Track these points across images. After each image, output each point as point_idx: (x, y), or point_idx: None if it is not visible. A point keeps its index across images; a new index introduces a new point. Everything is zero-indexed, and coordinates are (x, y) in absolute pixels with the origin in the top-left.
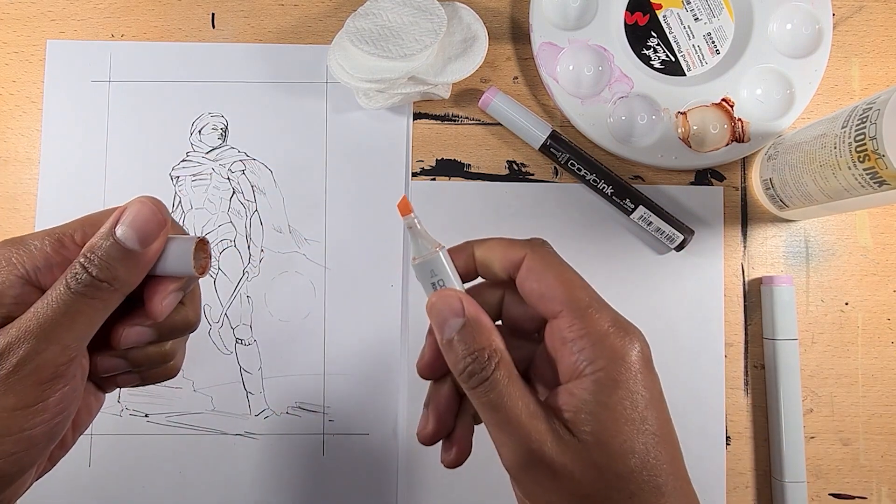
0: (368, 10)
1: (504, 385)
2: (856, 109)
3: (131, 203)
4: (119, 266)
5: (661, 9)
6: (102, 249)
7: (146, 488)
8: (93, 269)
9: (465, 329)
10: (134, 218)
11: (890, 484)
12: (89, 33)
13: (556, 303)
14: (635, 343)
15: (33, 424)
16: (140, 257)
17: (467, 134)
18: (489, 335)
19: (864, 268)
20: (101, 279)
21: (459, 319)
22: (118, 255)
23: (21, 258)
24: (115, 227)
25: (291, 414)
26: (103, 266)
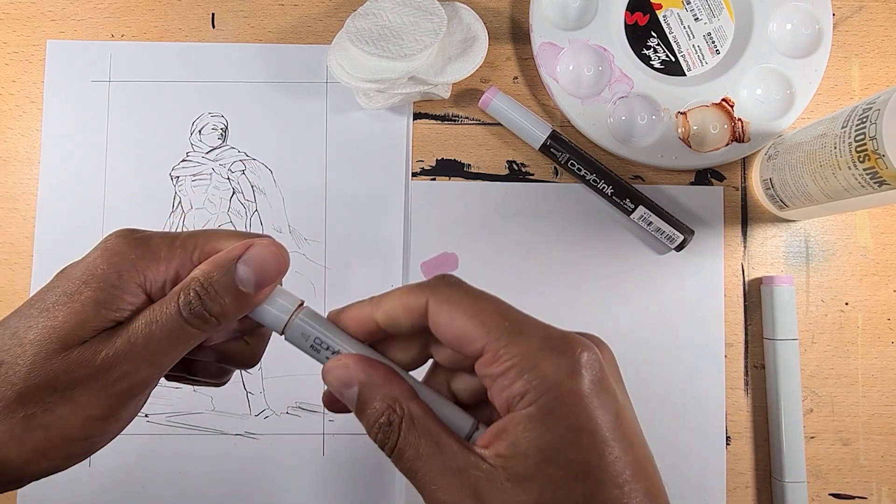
0: (368, 10)
1: (413, 446)
2: (856, 109)
3: (257, 243)
4: (230, 304)
5: (661, 9)
6: (220, 284)
7: (146, 488)
8: (208, 303)
9: (360, 399)
10: (258, 260)
11: (890, 484)
12: (89, 33)
13: (475, 341)
14: (576, 361)
15: (106, 432)
16: (249, 299)
17: (467, 134)
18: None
19: (864, 268)
20: (211, 314)
21: (353, 388)
22: (232, 293)
23: (144, 265)
24: (238, 263)
25: (291, 414)
26: (217, 301)
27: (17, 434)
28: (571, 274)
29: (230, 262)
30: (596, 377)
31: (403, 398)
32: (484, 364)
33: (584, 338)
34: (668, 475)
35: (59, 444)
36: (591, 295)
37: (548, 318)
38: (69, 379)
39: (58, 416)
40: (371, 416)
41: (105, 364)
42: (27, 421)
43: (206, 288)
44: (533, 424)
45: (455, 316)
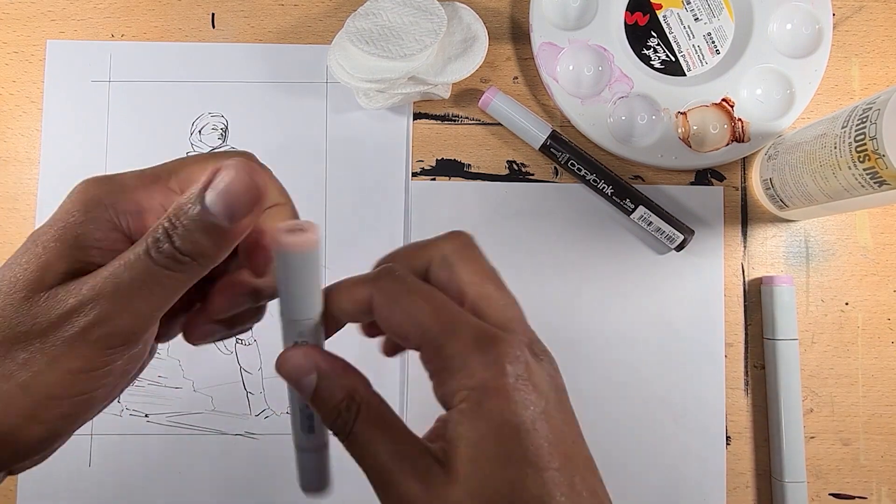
0: (368, 10)
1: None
2: (856, 109)
3: (225, 165)
4: (204, 240)
5: (661, 9)
6: (188, 217)
7: (146, 488)
8: (176, 240)
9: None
10: (226, 187)
11: (890, 484)
12: (89, 33)
13: (411, 339)
14: (505, 359)
15: (95, 387)
16: (227, 233)
17: (467, 134)
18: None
19: (864, 268)
20: (183, 252)
21: (311, 377)
22: (204, 228)
23: (112, 199)
24: (205, 191)
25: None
26: (187, 238)
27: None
28: (571, 274)
29: (199, 194)
30: (521, 374)
31: (360, 387)
32: (422, 361)
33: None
34: (668, 475)
35: (45, 404)
36: (591, 295)
37: (548, 318)
38: (38, 329)
39: (35, 372)
40: (328, 401)
41: (73, 310)
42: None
43: (174, 223)
44: (463, 420)
45: (393, 313)
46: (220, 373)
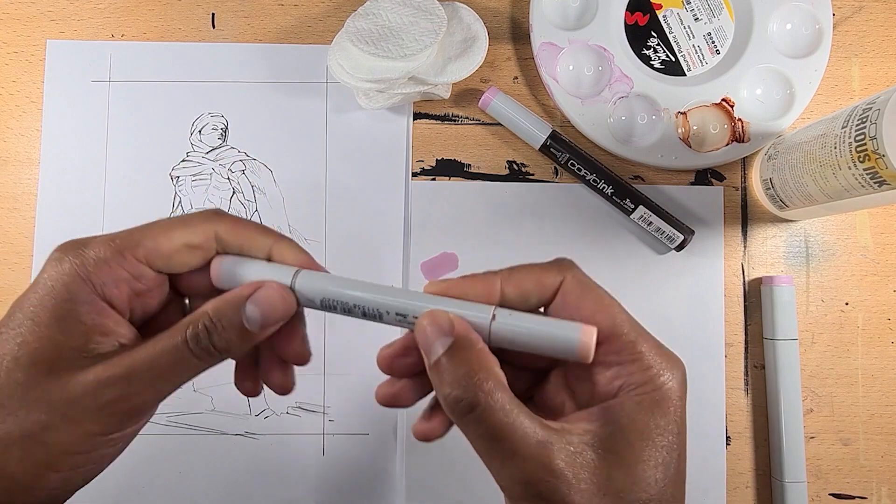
0: (368, 10)
1: (502, 411)
2: (856, 109)
3: (267, 285)
4: (236, 341)
5: (661, 9)
6: (228, 321)
7: (146, 488)
8: (215, 338)
9: (452, 350)
10: (266, 302)
11: (890, 484)
12: (89, 33)
13: (603, 328)
14: (679, 375)
15: (109, 447)
16: (254, 337)
17: (467, 134)
18: (480, 356)
19: (864, 268)
20: (216, 348)
21: (448, 338)
22: (238, 331)
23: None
24: (247, 303)
25: (291, 414)
26: (223, 337)
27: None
28: None
29: (239, 302)
30: (684, 395)
31: (494, 366)
32: (602, 351)
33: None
34: None
35: (60, 458)
36: None
37: None
38: (65, 399)
39: (57, 432)
40: (457, 372)
41: (102, 385)
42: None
43: (215, 324)
44: (641, 410)
45: (585, 302)
46: (220, 373)
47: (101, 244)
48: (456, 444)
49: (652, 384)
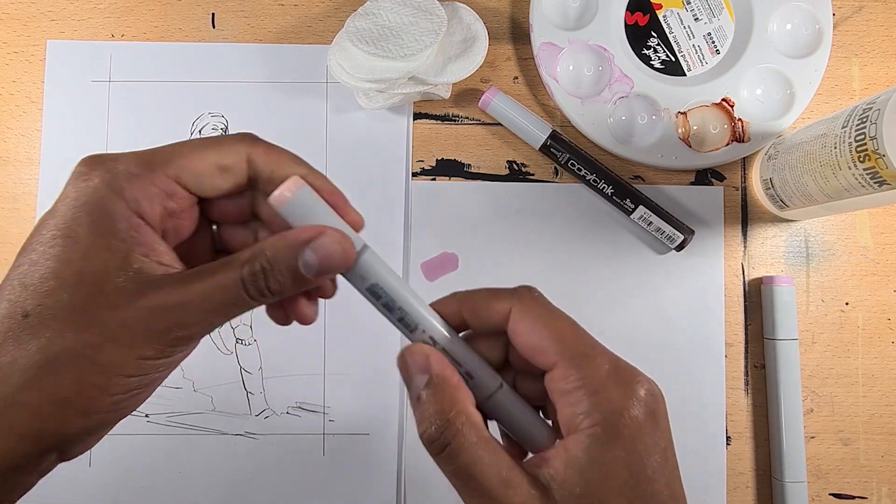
0: (368, 10)
1: (471, 451)
2: (856, 109)
3: (329, 233)
4: (290, 284)
5: (661, 9)
6: (285, 264)
7: (146, 488)
8: (271, 280)
9: (428, 386)
10: (326, 251)
11: (890, 484)
12: (89, 33)
13: (548, 355)
14: (639, 392)
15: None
16: (308, 283)
17: (467, 134)
18: (454, 394)
19: (864, 268)
20: (270, 290)
21: (424, 375)
22: (293, 275)
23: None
24: (306, 248)
25: (291, 414)
26: (278, 280)
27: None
28: (571, 274)
29: (299, 245)
30: (653, 411)
31: (468, 403)
32: (554, 379)
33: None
34: None
35: (114, 380)
36: (591, 295)
37: None
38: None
39: (110, 354)
40: (434, 409)
41: (156, 312)
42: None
43: (273, 265)
44: (594, 445)
45: (534, 327)
46: (220, 373)
47: (130, 159)
48: None
49: (602, 412)
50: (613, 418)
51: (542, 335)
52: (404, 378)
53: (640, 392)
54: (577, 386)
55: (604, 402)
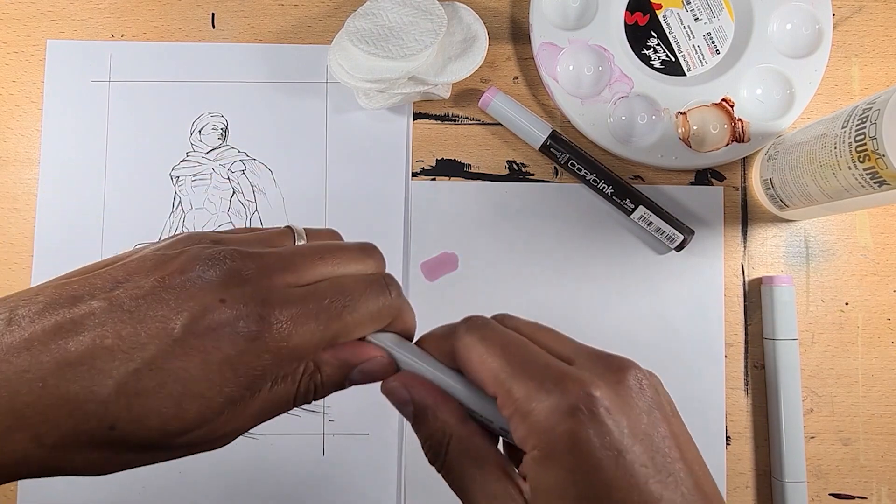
0: (368, 10)
1: (458, 468)
2: (856, 109)
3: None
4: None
5: (661, 9)
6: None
7: (146, 488)
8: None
9: (416, 415)
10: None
11: (890, 484)
12: (89, 33)
13: (489, 386)
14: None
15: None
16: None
17: (467, 134)
18: (434, 416)
19: (864, 268)
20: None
21: (409, 407)
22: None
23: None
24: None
25: (291, 414)
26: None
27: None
28: (571, 274)
29: (352, 368)
30: (589, 413)
31: (453, 421)
32: (500, 409)
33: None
34: None
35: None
36: (591, 295)
37: (548, 319)
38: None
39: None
40: (423, 433)
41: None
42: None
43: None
44: (538, 468)
45: (470, 362)
46: None
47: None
48: None
49: (535, 436)
50: (544, 438)
51: (477, 368)
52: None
53: (568, 400)
54: (510, 414)
55: (533, 425)
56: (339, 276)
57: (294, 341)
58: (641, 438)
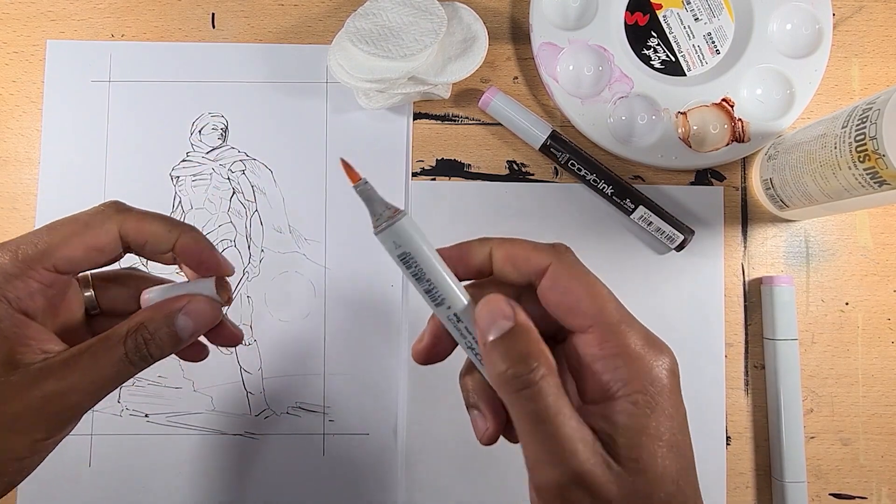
0: (368, 10)
1: (552, 396)
2: (856, 109)
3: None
4: (168, 347)
5: (661, 9)
6: (163, 332)
7: (146, 488)
8: (152, 347)
9: (513, 332)
10: (198, 313)
11: (890, 484)
12: (89, 33)
13: (586, 318)
14: (668, 362)
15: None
16: (182, 343)
17: (467, 134)
18: (539, 343)
19: (864, 268)
20: (153, 356)
21: (508, 322)
22: (171, 339)
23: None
24: (180, 314)
25: (291, 414)
26: (159, 346)
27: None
28: None
29: (173, 314)
30: (678, 380)
31: (548, 352)
32: (588, 343)
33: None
34: None
35: (8, 464)
36: None
37: None
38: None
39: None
40: (515, 350)
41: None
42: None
43: (152, 335)
44: (637, 410)
45: (574, 286)
46: (220, 373)
47: (7, 259)
48: (456, 445)
49: (646, 381)
50: (652, 387)
51: (581, 297)
52: (483, 322)
53: (673, 363)
54: (613, 353)
55: (642, 371)
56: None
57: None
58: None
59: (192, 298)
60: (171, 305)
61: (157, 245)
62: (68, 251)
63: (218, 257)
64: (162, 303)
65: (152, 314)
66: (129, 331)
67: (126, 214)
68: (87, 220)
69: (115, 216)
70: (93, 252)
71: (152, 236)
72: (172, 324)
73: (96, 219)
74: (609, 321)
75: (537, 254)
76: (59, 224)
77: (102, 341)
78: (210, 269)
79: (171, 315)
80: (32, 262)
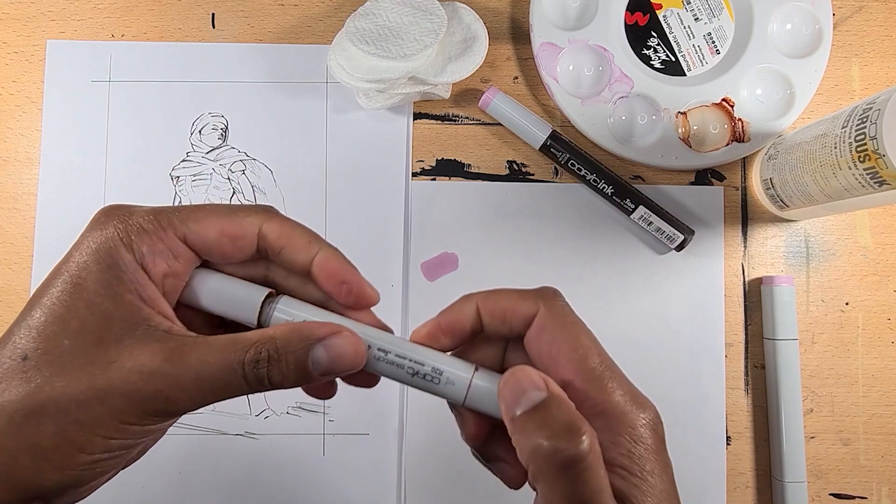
0: (368, 10)
1: (600, 474)
2: (856, 109)
3: (344, 334)
4: (292, 378)
5: (661, 9)
6: (294, 357)
7: (146, 488)
8: (274, 370)
9: (549, 401)
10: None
11: (890, 484)
12: (89, 33)
13: (568, 370)
14: (650, 420)
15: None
16: (311, 380)
17: (467, 134)
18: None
19: (864, 268)
20: (272, 382)
21: (540, 393)
22: (299, 369)
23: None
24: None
25: (291, 414)
26: (282, 372)
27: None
28: (571, 274)
29: (313, 341)
30: (661, 439)
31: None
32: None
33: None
34: None
35: (93, 440)
36: (591, 295)
37: None
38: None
39: (92, 412)
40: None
41: (146, 379)
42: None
43: (281, 355)
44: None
45: (559, 337)
46: None
47: (146, 214)
48: (456, 444)
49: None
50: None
51: (564, 348)
52: (510, 395)
53: (650, 420)
54: (597, 412)
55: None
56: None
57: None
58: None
59: (339, 331)
60: (314, 330)
61: (295, 253)
62: (202, 228)
63: (362, 281)
64: (303, 324)
65: (288, 332)
66: (258, 340)
67: (272, 215)
68: (233, 209)
69: (262, 213)
70: (225, 238)
71: (291, 242)
72: (307, 352)
73: (242, 210)
74: (591, 376)
75: (523, 303)
76: (205, 204)
77: (227, 340)
78: (351, 294)
79: (309, 341)
80: (166, 225)
